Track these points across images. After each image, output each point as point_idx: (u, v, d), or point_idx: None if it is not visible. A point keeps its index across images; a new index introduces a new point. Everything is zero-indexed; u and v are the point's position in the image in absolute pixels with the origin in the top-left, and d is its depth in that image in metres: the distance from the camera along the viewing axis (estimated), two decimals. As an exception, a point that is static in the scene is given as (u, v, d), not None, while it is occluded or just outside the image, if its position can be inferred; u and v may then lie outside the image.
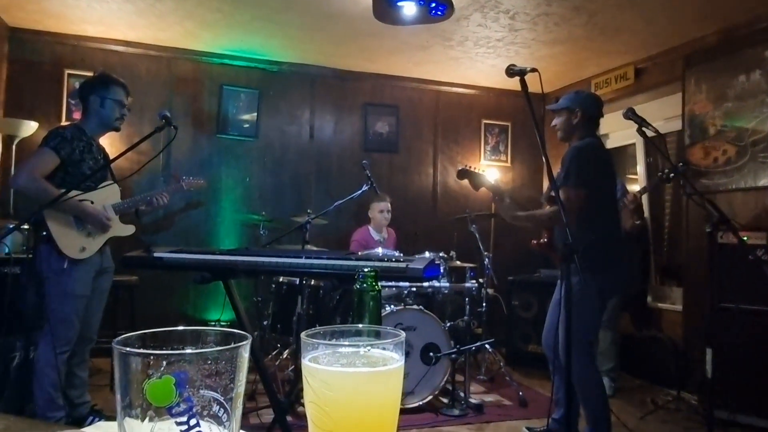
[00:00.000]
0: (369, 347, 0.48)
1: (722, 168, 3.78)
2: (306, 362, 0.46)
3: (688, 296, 3.99)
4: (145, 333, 0.40)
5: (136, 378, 0.36)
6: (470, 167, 2.90)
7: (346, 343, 0.49)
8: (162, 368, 0.36)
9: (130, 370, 0.36)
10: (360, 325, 0.52)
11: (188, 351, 0.38)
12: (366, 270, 0.61)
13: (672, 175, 3.57)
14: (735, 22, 3.71)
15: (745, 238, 3.12)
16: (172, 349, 0.40)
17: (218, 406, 0.40)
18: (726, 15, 3.63)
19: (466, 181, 5.28)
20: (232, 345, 0.38)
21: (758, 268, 2.69)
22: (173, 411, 0.39)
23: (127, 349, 0.35)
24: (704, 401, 3.09)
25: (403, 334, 0.49)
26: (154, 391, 0.35)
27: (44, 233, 2.50)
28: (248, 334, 0.39)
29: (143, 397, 0.35)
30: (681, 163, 3.71)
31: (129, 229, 2.88)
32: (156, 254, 1.78)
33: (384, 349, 0.48)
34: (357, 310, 0.61)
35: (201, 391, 0.40)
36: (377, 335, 0.51)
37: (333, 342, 0.48)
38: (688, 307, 3.97)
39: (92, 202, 2.65)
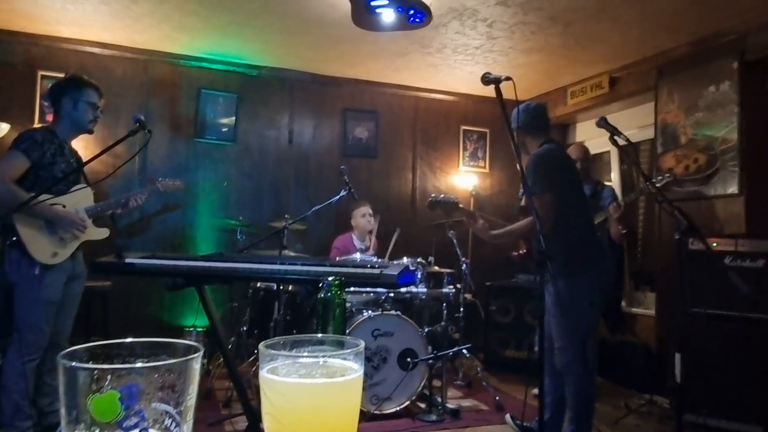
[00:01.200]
0: (327, 358, 0.47)
1: (693, 176, 3.87)
2: (263, 373, 0.46)
3: (661, 301, 4.07)
4: (94, 345, 0.39)
5: (80, 392, 0.35)
6: (439, 197, 2.91)
7: (304, 354, 0.49)
8: (107, 383, 0.35)
9: (75, 384, 0.35)
10: (320, 335, 0.52)
11: (137, 365, 0.38)
12: (330, 279, 0.61)
13: (659, 185, 3.60)
14: (705, 34, 3.81)
15: (714, 245, 3.20)
16: (122, 362, 0.39)
17: (170, 419, 0.40)
18: (697, 27, 3.73)
19: (445, 186, 5.31)
20: (182, 358, 0.37)
21: (722, 269, 2.76)
22: (123, 425, 0.38)
23: (72, 363, 0.35)
24: (675, 405, 3.14)
25: (362, 343, 0.49)
26: (98, 406, 0.35)
27: (14, 238, 2.43)
28: (199, 346, 0.39)
29: (87, 412, 0.35)
30: (668, 174, 3.75)
31: (103, 233, 2.83)
32: (128, 260, 1.75)
33: (343, 359, 0.48)
34: (321, 318, 0.61)
35: (153, 404, 0.39)
36: (337, 345, 0.51)
37: (291, 353, 0.48)
38: (661, 312, 4.05)
39: (64, 206, 2.59)
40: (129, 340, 0.41)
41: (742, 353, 3.04)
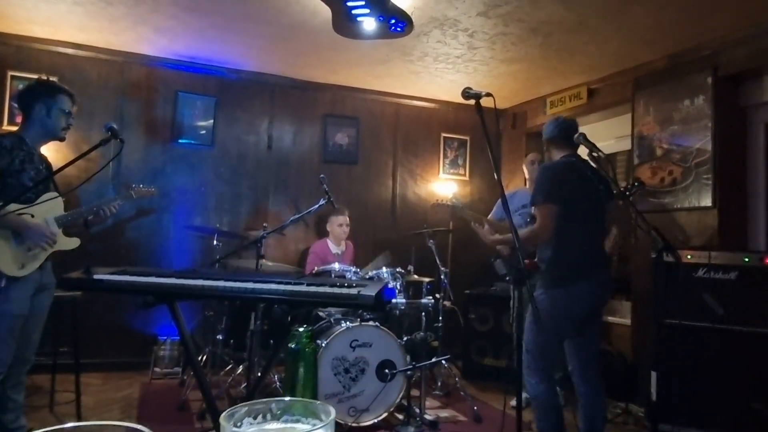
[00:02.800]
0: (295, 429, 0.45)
1: (668, 188, 3.93)
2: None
3: (636, 311, 4.12)
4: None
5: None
6: (443, 201, 2.98)
7: (273, 427, 0.46)
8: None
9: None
10: (287, 399, 0.49)
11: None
12: (300, 330, 0.58)
13: (629, 194, 3.64)
14: (681, 49, 3.88)
15: (688, 257, 3.25)
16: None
17: None
18: (673, 42, 3.79)
19: (425, 193, 5.31)
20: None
21: (698, 290, 2.80)
22: None
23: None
24: (651, 418, 3.18)
25: (333, 412, 0.46)
26: None
27: None
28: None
29: None
30: (636, 183, 3.78)
31: (73, 243, 2.72)
32: (96, 276, 1.69)
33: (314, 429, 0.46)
34: (291, 370, 0.58)
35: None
36: (309, 410, 0.48)
37: (258, 428, 0.45)
38: (637, 321, 4.10)
39: (32, 216, 2.49)
40: (70, 425, 0.37)
41: (717, 364, 3.09)
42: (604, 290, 2.67)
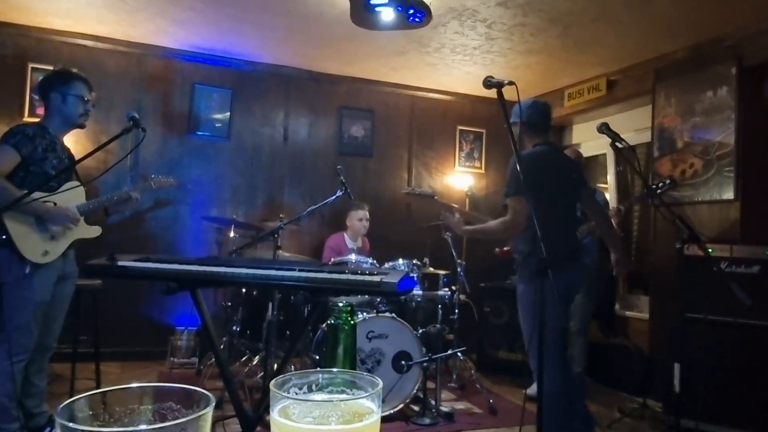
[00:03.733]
0: (344, 400, 0.44)
1: (689, 181, 3.87)
2: (274, 416, 0.42)
3: (655, 306, 4.08)
4: (96, 394, 0.36)
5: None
6: (415, 189, 2.90)
7: (319, 397, 0.46)
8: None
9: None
10: (335, 370, 0.49)
11: (140, 428, 0.34)
12: (341, 305, 0.58)
13: (659, 190, 3.59)
14: (703, 40, 3.81)
15: (710, 251, 3.20)
16: (125, 416, 0.36)
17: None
18: (695, 32, 3.72)
19: (440, 186, 5.28)
20: (192, 416, 0.33)
21: (722, 280, 2.75)
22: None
23: (70, 425, 0.31)
24: (670, 411, 3.14)
25: (380, 383, 0.46)
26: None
27: (3, 237, 2.37)
28: (211, 396, 0.35)
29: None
30: (669, 180, 3.74)
31: (95, 231, 2.76)
32: (120, 263, 1.70)
33: (361, 399, 0.45)
34: (331, 346, 0.58)
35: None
36: (353, 382, 0.48)
37: (304, 397, 0.45)
38: (655, 316, 4.05)
39: (55, 204, 2.53)
40: (136, 385, 0.37)
41: (738, 359, 3.05)
42: (579, 279, 2.67)
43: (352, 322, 0.59)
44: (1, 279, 2.38)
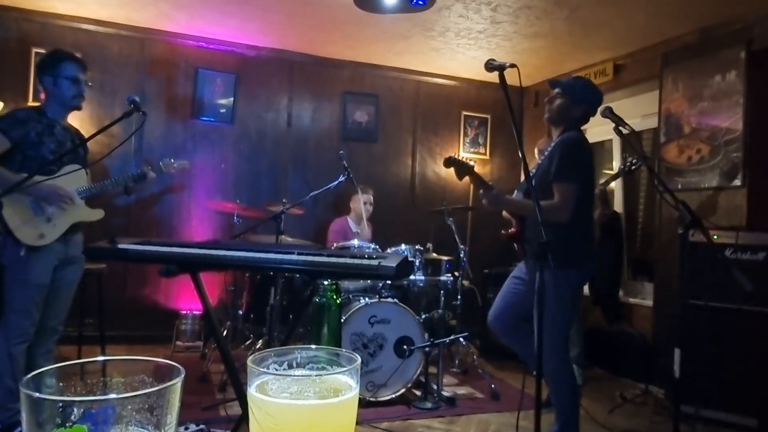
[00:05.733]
0: (321, 375, 0.44)
1: (696, 166, 3.83)
2: (251, 391, 0.42)
3: (659, 292, 4.06)
4: (65, 366, 0.36)
5: (45, 424, 0.32)
6: (457, 157, 2.81)
7: (297, 372, 0.45)
8: (75, 413, 0.32)
9: (39, 414, 0.32)
10: (314, 347, 0.49)
11: (110, 396, 0.34)
12: (326, 283, 0.57)
13: (632, 168, 3.64)
14: (712, 23, 3.74)
15: (715, 237, 3.17)
16: (97, 384, 0.36)
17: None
18: (704, 15, 3.65)
19: (444, 172, 5.27)
20: (161, 386, 0.34)
21: (724, 265, 2.73)
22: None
23: (35, 395, 0.31)
24: (671, 397, 3.15)
25: (359, 359, 0.45)
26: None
27: None
28: (181, 368, 0.35)
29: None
30: (646, 157, 3.72)
31: (97, 214, 2.74)
32: (121, 246, 1.71)
33: (339, 375, 0.45)
34: (315, 324, 0.58)
35: (131, 428, 0.36)
36: (333, 358, 0.48)
37: (281, 370, 0.45)
38: (659, 302, 4.03)
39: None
40: (101, 358, 0.37)
41: (739, 345, 3.04)
42: (594, 269, 2.69)
43: (337, 300, 0.59)
44: (1, 261, 2.40)
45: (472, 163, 2.78)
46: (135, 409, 0.36)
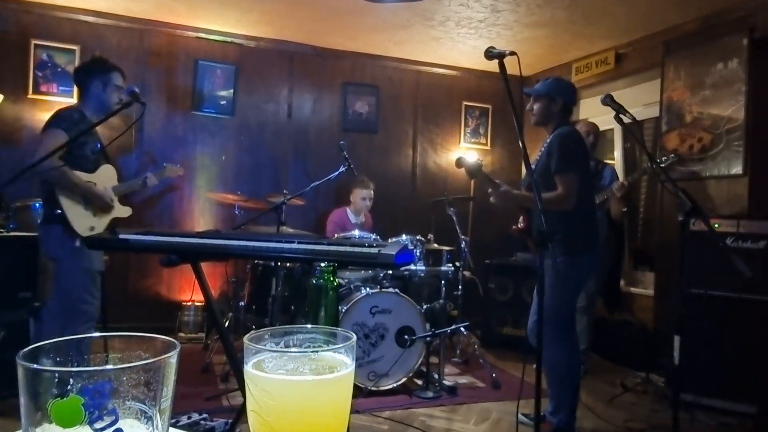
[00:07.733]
0: (317, 351, 0.45)
1: (697, 155, 3.82)
2: (247, 368, 0.43)
3: (660, 282, 4.06)
4: (62, 341, 0.36)
5: (41, 396, 0.32)
6: (467, 159, 3.00)
7: (293, 349, 0.46)
8: (71, 386, 0.32)
9: (36, 386, 0.32)
10: (310, 326, 0.49)
11: (107, 367, 0.35)
12: (323, 265, 0.58)
13: (665, 164, 3.64)
14: (714, 10, 3.71)
15: (716, 226, 3.17)
16: (95, 361, 0.36)
17: (145, 418, 0.37)
18: (705, 3, 3.63)
19: (445, 163, 5.27)
20: (156, 358, 0.34)
21: (724, 252, 2.73)
22: (94, 425, 0.35)
23: (32, 366, 0.32)
24: (671, 385, 3.16)
25: (354, 337, 0.46)
26: (59, 412, 0.32)
27: (58, 211, 2.52)
28: (176, 343, 0.36)
29: (48, 417, 0.32)
30: (672, 155, 3.76)
31: (127, 211, 2.98)
32: (122, 236, 1.71)
33: (335, 353, 0.46)
34: (313, 305, 0.58)
35: (127, 403, 0.37)
36: (329, 337, 0.48)
37: (277, 347, 0.45)
38: (660, 292, 4.04)
39: (95, 184, 2.70)
40: (98, 335, 0.37)
41: (739, 334, 3.05)
42: (599, 259, 2.83)
43: (334, 282, 0.59)
44: (54, 254, 2.57)
45: (481, 161, 2.90)
46: (131, 384, 0.36)
